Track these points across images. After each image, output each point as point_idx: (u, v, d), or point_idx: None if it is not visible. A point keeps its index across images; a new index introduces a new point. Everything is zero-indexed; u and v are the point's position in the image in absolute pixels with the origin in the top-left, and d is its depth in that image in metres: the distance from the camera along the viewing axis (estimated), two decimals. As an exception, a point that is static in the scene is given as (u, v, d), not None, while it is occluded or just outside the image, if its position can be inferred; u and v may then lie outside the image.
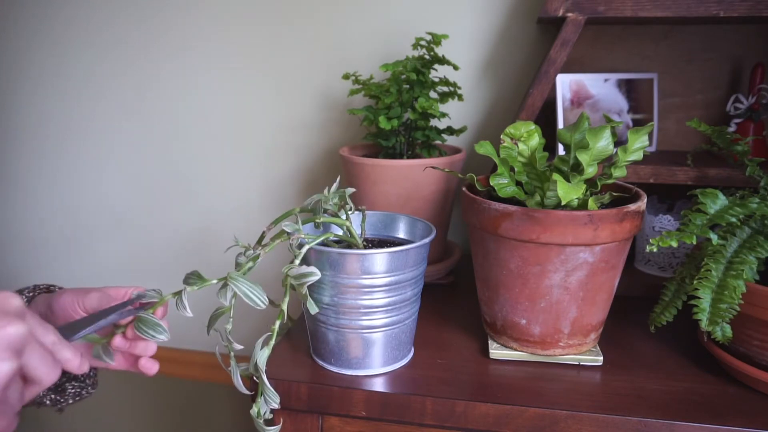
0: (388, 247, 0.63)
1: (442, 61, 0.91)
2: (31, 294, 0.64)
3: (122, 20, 1.20)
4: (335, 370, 0.67)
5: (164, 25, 1.18)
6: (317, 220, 0.67)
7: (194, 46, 1.18)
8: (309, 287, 0.61)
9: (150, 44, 1.20)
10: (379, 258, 0.61)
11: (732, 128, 0.91)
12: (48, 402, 0.64)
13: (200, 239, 1.29)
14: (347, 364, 0.67)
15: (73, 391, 0.66)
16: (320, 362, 0.69)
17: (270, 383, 0.60)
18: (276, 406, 0.60)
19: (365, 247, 0.69)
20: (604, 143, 0.63)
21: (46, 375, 0.45)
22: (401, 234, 0.75)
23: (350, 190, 0.70)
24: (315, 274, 0.58)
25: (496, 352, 0.71)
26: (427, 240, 0.65)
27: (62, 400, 0.65)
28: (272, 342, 0.59)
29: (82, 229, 1.35)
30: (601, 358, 0.69)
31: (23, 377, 0.46)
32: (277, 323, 0.60)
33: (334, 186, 0.70)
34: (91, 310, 0.59)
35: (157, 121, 1.24)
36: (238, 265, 0.63)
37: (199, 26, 1.17)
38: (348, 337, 0.65)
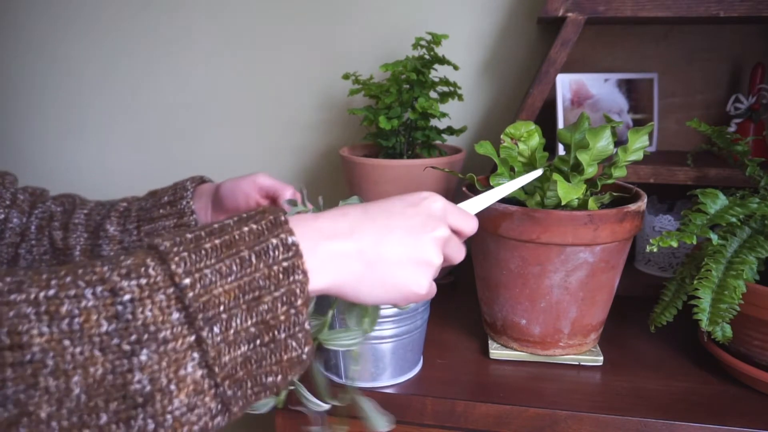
0: None
1: (442, 61, 0.91)
2: (193, 185, 0.69)
3: (120, 20, 1.20)
4: (343, 384, 0.65)
5: (162, 24, 1.18)
6: None
7: (193, 46, 1.18)
8: None
9: (148, 43, 1.20)
10: None
11: (732, 128, 0.91)
12: None
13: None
14: (357, 377, 0.65)
15: None
16: (327, 375, 0.67)
17: None
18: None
19: None
20: (604, 143, 0.63)
21: (459, 257, 0.48)
22: None
23: (354, 199, 0.67)
24: None
25: (496, 352, 0.71)
26: None
27: None
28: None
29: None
30: (601, 358, 0.69)
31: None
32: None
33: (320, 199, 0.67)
34: (258, 187, 0.65)
35: (156, 121, 1.24)
36: None
37: (198, 25, 1.17)
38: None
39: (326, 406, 0.55)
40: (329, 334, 0.55)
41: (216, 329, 0.33)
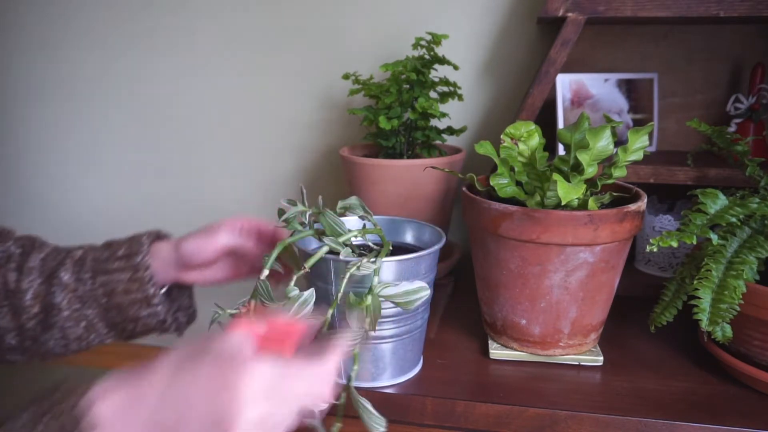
0: (395, 254, 0.60)
1: (442, 61, 0.91)
2: (149, 241, 0.68)
3: (120, 20, 1.20)
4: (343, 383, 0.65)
5: (161, 24, 1.18)
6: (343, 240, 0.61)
7: (193, 46, 1.18)
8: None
9: (147, 43, 1.20)
10: (387, 266, 0.59)
11: (732, 128, 0.91)
12: (173, 329, 0.71)
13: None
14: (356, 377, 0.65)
15: (185, 319, 0.73)
16: None
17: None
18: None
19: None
20: (604, 143, 0.63)
21: (320, 401, 0.43)
22: (409, 240, 0.72)
23: (353, 199, 0.66)
24: (426, 288, 0.56)
25: (496, 352, 0.71)
26: (437, 247, 0.63)
27: (183, 327, 0.72)
28: None
29: (78, 234, 1.35)
30: (601, 358, 0.69)
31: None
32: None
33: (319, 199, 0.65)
34: (221, 248, 0.64)
35: (155, 122, 1.24)
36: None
37: (198, 26, 1.17)
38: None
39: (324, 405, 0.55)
40: (329, 334, 0.55)
41: None
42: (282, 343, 0.45)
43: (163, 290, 0.69)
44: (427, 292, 0.56)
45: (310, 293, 0.55)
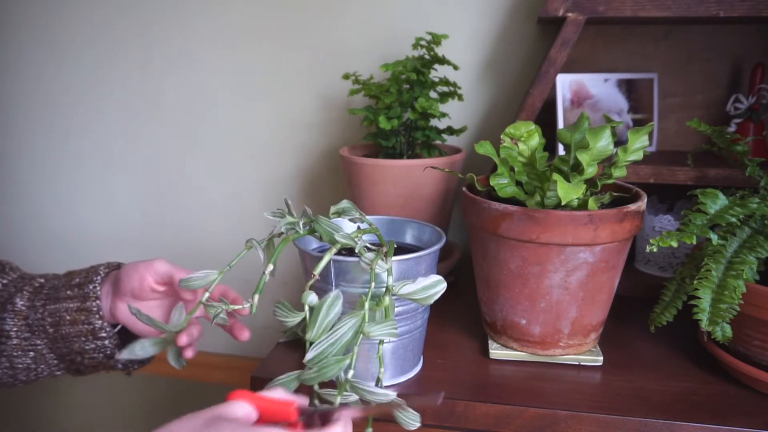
0: (395, 254, 0.60)
1: (442, 61, 0.91)
2: (106, 271, 0.68)
3: (122, 21, 1.20)
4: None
5: (163, 24, 1.18)
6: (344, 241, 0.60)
7: (192, 47, 1.18)
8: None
9: (149, 45, 1.20)
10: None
11: (732, 128, 0.91)
12: (120, 366, 0.70)
13: (198, 239, 1.29)
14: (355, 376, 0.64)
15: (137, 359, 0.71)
16: None
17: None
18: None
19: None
20: (604, 143, 0.63)
21: None
22: (409, 240, 0.73)
23: (345, 202, 0.65)
24: (442, 281, 0.56)
25: (496, 352, 0.71)
26: (437, 247, 0.63)
27: (130, 366, 0.71)
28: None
29: (76, 235, 1.35)
30: (601, 358, 0.69)
31: None
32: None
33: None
34: (163, 273, 0.64)
35: (156, 122, 1.24)
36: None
37: (198, 27, 1.17)
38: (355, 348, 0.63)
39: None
40: (370, 325, 0.55)
41: None
42: (280, 417, 0.46)
43: (118, 328, 0.68)
44: (443, 285, 0.57)
45: (336, 294, 0.56)
